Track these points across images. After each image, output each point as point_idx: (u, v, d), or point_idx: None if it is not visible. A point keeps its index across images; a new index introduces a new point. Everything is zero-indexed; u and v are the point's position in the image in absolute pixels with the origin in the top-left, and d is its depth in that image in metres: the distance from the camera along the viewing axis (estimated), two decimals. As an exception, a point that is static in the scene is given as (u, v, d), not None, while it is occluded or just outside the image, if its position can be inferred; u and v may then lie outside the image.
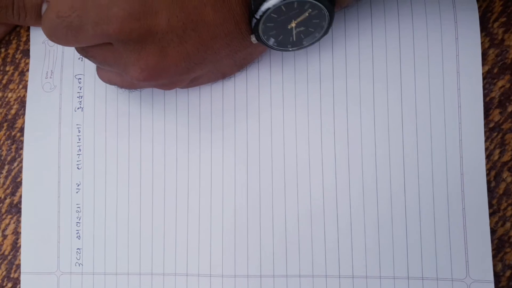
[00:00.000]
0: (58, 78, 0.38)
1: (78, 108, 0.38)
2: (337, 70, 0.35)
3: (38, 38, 0.39)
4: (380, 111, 0.34)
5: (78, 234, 0.37)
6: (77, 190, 0.37)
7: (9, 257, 0.38)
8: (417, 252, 0.33)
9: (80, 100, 0.38)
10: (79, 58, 0.38)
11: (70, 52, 0.38)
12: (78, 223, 0.37)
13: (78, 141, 0.37)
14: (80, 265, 0.37)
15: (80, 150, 0.37)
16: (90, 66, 0.38)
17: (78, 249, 0.37)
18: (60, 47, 0.38)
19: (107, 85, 0.37)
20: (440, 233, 0.33)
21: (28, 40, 0.39)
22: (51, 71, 0.38)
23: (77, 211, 0.37)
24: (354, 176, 0.34)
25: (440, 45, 0.34)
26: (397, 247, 0.33)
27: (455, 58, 0.33)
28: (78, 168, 0.37)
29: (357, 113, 0.34)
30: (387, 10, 0.35)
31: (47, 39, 0.38)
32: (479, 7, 0.34)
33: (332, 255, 0.34)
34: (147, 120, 0.37)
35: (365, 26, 0.35)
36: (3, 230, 0.38)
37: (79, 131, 0.37)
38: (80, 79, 0.38)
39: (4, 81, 0.39)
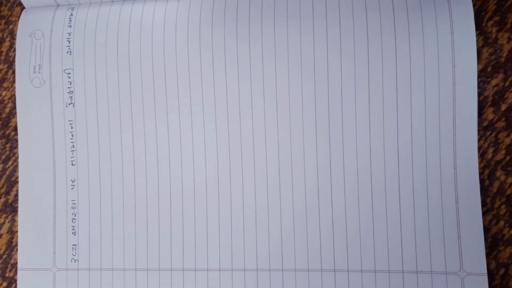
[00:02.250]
0: (47, 72, 0.37)
1: (69, 104, 0.37)
2: (331, 65, 0.35)
3: (24, 31, 0.38)
4: (375, 103, 0.34)
5: (74, 230, 0.37)
6: (72, 187, 0.37)
7: (4, 256, 0.38)
8: (411, 246, 0.33)
9: (71, 95, 0.37)
10: (67, 52, 0.37)
11: (58, 45, 0.38)
12: (74, 219, 0.37)
13: (71, 137, 0.37)
14: (76, 261, 0.37)
15: (73, 146, 0.37)
16: (79, 60, 0.37)
17: (73, 245, 0.37)
18: (47, 40, 0.38)
19: (97, 79, 0.37)
20: (434, 227, 0.33)
21: (22, 38, 0.38)
22: (39, 65, 0.37)
23: (73, 207, 0.37)
24: (349, 171, 0.34)
25: (436, 39, 0.34)
26: (391, 241, 0.34)
27: (451, 53, 0.34)
28: (72, 164, 0.37)
29: (351, 108, 0.35)
30: (381, 5, 0.35)
31: (34, 32, 0.38)
32: (473, 6, 0.34)
33: (327, 249, 0.34)
34: (138, 113, 0.37)
35: (360, 23, 0.35)
36: (-2, 229, 0.38)
37: (71, 127, 0.37)
38: (70, 73, 0.37)
39: (-3, 80, 0.39)
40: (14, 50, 0.38)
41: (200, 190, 0.36)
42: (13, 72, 0.38)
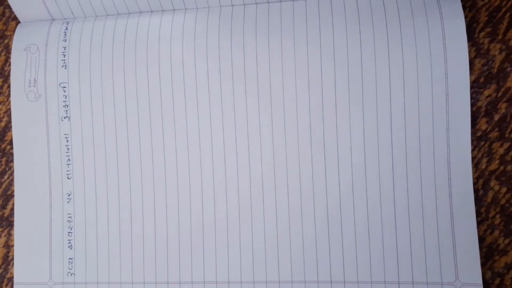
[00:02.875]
0: (42, 86, 0.38)
1: (64, 117, 0.37)
2: (325, 77, 0.35)
3: (19, 45, 0.38)
4: (368, 114, 0.34)
5: (70, 244, 0.37)
6: (68, 200, 0.37)
7: (0, 271, 0.38)
8: (407, 257, 0.33)
9: (66, 109, 0.37)
10: (62, 66, 0.38)
11: (53, 59, 0.38)
12: (70, 233, 0.37)
13: (67, 151, 0.37)
14: (72, 275, 0.37)
15: (69, 160, 0.37)
16: (74, 74, 0.37)
17: (70, 259, 0.37)
18: (42, 54, 0.38)
19: (93, 93, 0.37)
20: (429, 238, 0.33)
21: (17, 53, 0.38)
22: (34, 79, 0.38)
23: (69, 221, 0.37)
24: (343, 182, 0.35)
25: (428, 50, 0.34)
26: (387, 252, 0.34)
27: (443, 64, 0.34)
28: (68, 178, 0.37)
29: (346, 119, 0.35)
30: (374, 17, 0.35)
31: (29, 46, 0.38)
32: (465, 17, 0.35)
33: (323, 260, 0.34)
34: (133, 127, 0.37)
35: (353, 35, 0.35)
36: (-6, 243, 0.38)
37: (67, 141, 0.37)
38: (65, 87, 0.37)
39: (-7, 94, 0.39)
40: (9, 64, 0.38)
41: (196, 204, 0.36)
42: (9, 86, 0.39)
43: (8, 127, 0.39)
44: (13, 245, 0.38)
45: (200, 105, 0.36)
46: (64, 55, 0.37)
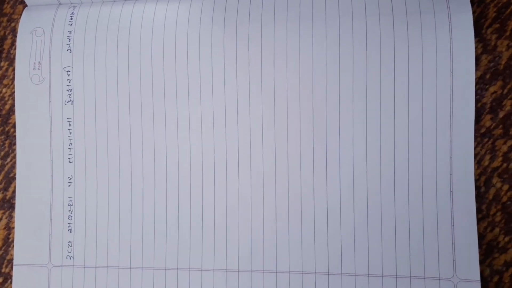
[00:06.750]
0: (47, 70, 0.38)
1: (68, 102, 0.37)
2: (330, 70, 0.35)
3: (25, 28, 0.38)
4: (372, 107, 0.34)
5: (70, 227, 0.37)
6: (69, 184, 0.37)
7: (0, 252, 0.38)
8: (405, 251, 0.33)
9: (70, 93, 0.37)
10: (67, 50, 0.38)
11: (58, 43, 0.38)
12: (70, 217, 0.37)
13: (69, 134, 0.37)
14: (71, 258, 0.37)
15: (71, 144, 0.37)
16: (78, 58, 0.37)
17: (69, 242, 0.37)
18: (48, 38, 0.38)
19: (96, 77, 0.37)
20: (428, 233, 0.33)
21: (23, 35, 0.39)
22: (39, 62, 0.38)
23: (69, 205, 0.37)
24: (344, 175, 0.34)
25: (435, 45, 0.34)
26: (385, 245, 0.34)
27: (449, 59, 0.34)
28: (69, 161, 0.37)
29: (349, 112, 0.35)
30: (381, 11, 0.35)
31: (35, 29, 0.38)
32: (473, 13, 0.34)
33: (321, 252, 0.34)
34: (136, 112, 0.37)
35: (360, 29, 0.35)
36: (-5, 225, 0.38)
37: (69, 125, 0.37)
38: (69, 71, 0.37)
39: (-3, 76, 0.39)
40: (15, 48, 0.38)
41: (196, 191, 0.36)
42: (14, 70, 0.39)
43: (12, 110, 0.39)
44: (13, 227, 0.38)
45: (203, 94, 0.36)
46: (69, 39, 0.38)
